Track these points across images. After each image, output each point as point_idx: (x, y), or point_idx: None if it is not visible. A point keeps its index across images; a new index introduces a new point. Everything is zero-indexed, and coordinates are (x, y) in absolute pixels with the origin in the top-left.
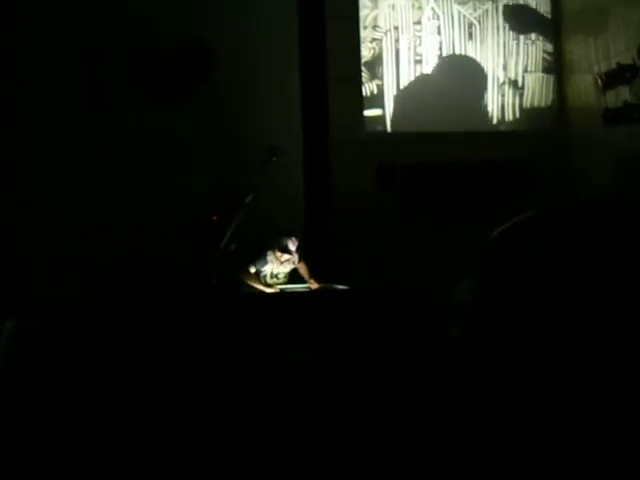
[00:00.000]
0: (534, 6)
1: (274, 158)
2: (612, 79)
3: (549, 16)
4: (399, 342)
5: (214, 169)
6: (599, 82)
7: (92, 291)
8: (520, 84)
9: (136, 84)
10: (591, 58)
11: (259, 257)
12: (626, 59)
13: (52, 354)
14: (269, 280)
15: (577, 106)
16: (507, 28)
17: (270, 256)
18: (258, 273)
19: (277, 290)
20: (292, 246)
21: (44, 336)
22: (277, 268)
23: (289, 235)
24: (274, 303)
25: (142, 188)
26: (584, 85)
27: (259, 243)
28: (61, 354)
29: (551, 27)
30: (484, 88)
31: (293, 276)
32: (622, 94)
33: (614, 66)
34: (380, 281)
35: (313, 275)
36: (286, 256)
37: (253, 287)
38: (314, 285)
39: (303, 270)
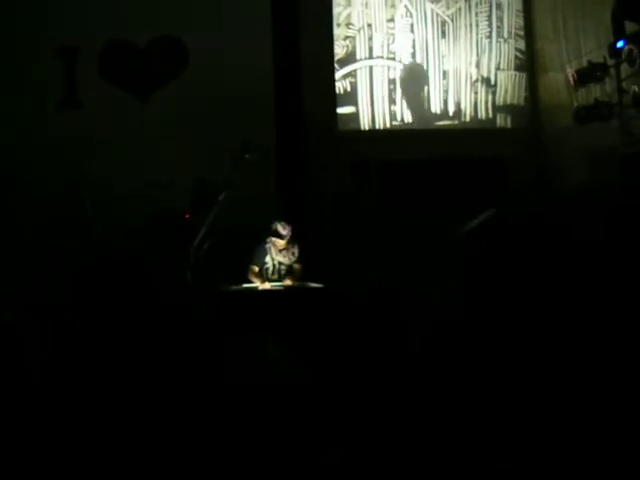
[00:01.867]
0: (505, 5)
1: (247, 155)
2: (583, 77)
3: (521, 15)
4: (375, 339)
5: (188, 165)
6: (570, 80)
7: (68, 288)
8: (493, 82)
9: (111, 78)
10: (563, 56)
11: (258, 251)
12: (597, 57)
13: (26, 351)
14: (271, 275)
15: (549, 104)
16: (479, 26)
17: (267, 244)
18: (261, 269)
19: (270, 287)
20: (283, 230)
21: (19, 333)
22: (277, 257)
23: (280, 220)
24: (247, 301)
25: (117, 184)
26: (556, 83)
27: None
28: (35, 352)
29: (523, 25)
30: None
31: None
32: (593, 92)
33: (585, 64)
34: (356, 278)
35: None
36: (280, 241)
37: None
38: (287, 282)
39: (297, 271)
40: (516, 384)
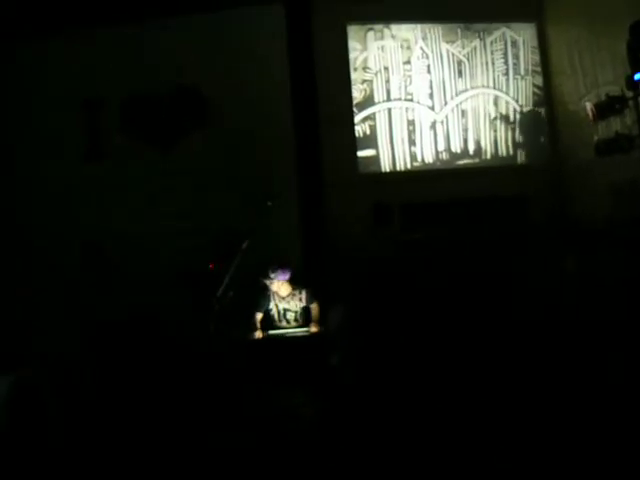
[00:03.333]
0: (521, 42)
1: (269, 203)
2: (602, 110)
3: (536, 51)
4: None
5: (210, 215)
6: (589, 114)
7: (89, 343)
8: (512, 119)
9: (135, 131)
10: (581, 90)
11: (261, 298)
12: (615, 90)
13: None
14: (278, 323)
15: (569, 138)
16: (496, 64)
17: (269, 291)
18: (267, 316)
19: (264, 335)
20: (282, 276)
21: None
22: (280, 304)
23: (279, 266)
24: (273, 348)
25: (138, 235)
26: (575, 117)
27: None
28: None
29: (539, 62)
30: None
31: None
32: (613, 125)
33: (603, 97)
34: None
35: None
36: (283, 289)
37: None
38: (313, 329)
39: (314, 312)
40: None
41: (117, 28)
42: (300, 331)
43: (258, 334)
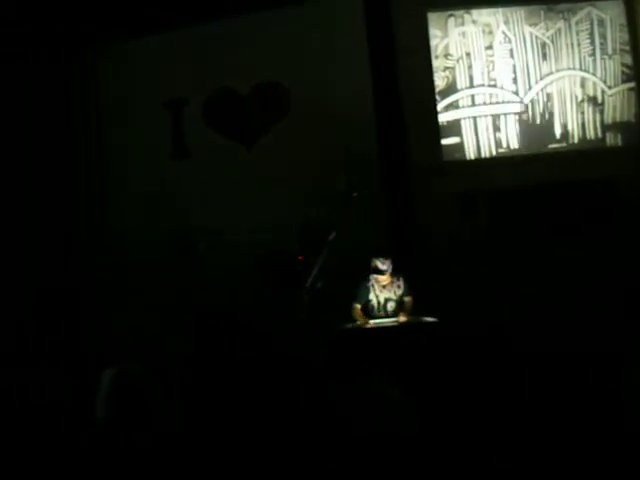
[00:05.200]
0: (607, 21)
1: (355, 193)
2: None
3: (625, 29)
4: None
5: (295, 208)
6: None
7: (187, 337)
8: (600, 100)
9: (216, 127)
10: None
11: (361, 289)
12: None
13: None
14: (377, 312)
15: None
16: (581, 45)
17: (370, 282)
18: (365, 307)
19: (371, 325)
20: (382, 265)
21: (144, 384)
22: (381, 294)
23: (378, 256)
24: (363, 339)
25: (228, 230)
26: None
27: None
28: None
29: (628, 40)
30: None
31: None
32: None
33: None
34: (469, 311)
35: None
36: (381, 277)
37: (357, 323)
38: (402, 319)
39: (408, 304)
40: None
41: (197, 27)
42: (392, 321)
43: (365, 322)
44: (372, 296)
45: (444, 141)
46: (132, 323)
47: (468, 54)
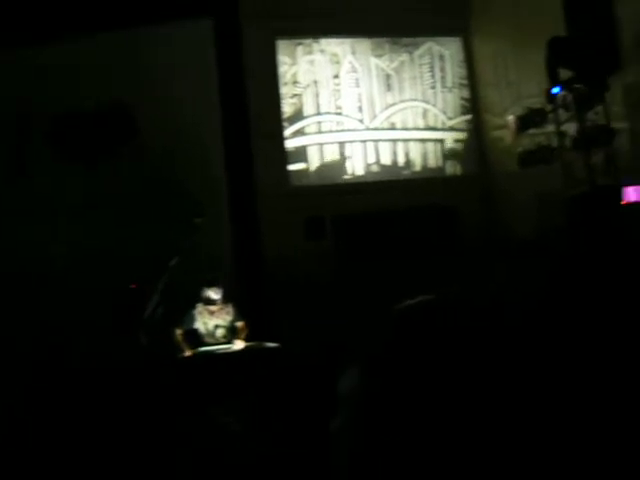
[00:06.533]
0: (447, 56)
1: (198, 219)
2: (524, 123)
3: (463, 65)
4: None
5: (139, 231)
6: (513, 126)
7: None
8: (440, 131)
9: (59, 147)
10: (506, 103)
11: (186, 316)
12: (538, 103)
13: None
14: (206, 338)
15: (496, 150)
16: (423, 77)
17: (197, 309)
18: (189, 333)
19: (194, 351)
20: (215, 295)
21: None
22: (210, 321)
23: (210, 285)
24: (203, 365)
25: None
26: (501, 130)
27: (186, 302)
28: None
29: (466, 75)
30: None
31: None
32: (539, 137)
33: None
34: (314, 335)
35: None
36: (212, 307)
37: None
38: (238, 344)
39: (242, 330)
40: None
41: (49, 44)
42: (225, 347)
43: (187, 352)
44: (199, 324)
45: (291, 167)
46: None
47: (316, 82)
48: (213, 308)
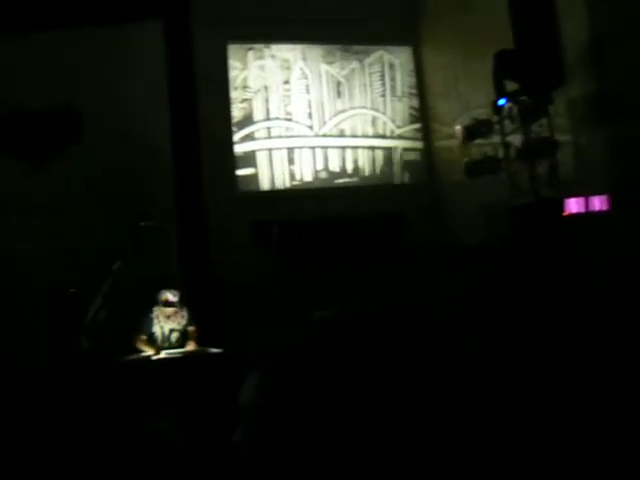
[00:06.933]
0: (398, 65)
1: (145, 223)
2: (472, 133)
3: (413, 74)
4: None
5: (83, 234)
6: (460, 136)
7: None
8: (389, 139)
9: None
10: (455, 113)
11: (144, 321)
12: (485, 113)
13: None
14: (162, 343)
15: (444, 159)
16: (373, 86)
17: (154, 313)
18: (150, 338)
19: (161, 355)
20: (173, 298)
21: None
22: (166, 325)
23: (168, 288)
24: (148, 370)
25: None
26: (449, 139)
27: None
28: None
29: (416, 84)
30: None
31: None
32: (482, 147)
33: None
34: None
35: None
36: (169, 309)
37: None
38: (189, 348)
39: (192, 334)
40: None
41: None
42: (180, 352)
43: (153, 354)
44: (156, 327)
45: (239, 172)
46: None
47: (266, 87)
48: (169, 311)
